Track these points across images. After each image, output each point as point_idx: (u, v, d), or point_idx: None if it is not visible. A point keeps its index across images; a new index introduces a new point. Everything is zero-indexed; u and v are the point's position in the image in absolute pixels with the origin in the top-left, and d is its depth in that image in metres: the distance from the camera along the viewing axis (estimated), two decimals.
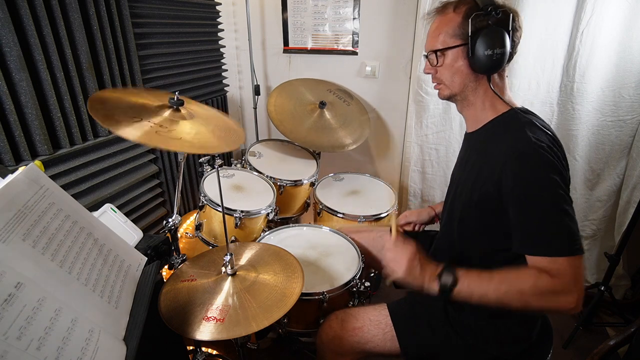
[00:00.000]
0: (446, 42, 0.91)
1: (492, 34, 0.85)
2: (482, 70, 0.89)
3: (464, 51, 0.89)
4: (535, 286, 0.78)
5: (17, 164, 1.08)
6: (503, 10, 0.85)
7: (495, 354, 0.96)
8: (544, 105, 1.79)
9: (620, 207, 1.80)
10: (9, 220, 0.55)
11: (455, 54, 0.91)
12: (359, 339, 1.03)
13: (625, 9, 1.54)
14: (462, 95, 0.96)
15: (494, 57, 0.85)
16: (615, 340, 1.08)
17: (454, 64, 0.92)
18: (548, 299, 0.78)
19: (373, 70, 2.06)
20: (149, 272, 0.82)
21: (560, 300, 0.78)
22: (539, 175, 0.79)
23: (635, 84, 1.65)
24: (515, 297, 0.79)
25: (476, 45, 0.86)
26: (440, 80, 0.97)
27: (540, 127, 0.87)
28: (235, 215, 1.34)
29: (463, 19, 0.88)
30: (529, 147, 0.81)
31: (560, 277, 0.77)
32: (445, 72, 0.94)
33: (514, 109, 0.92)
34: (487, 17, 0.85)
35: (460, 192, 0.98)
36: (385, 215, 1.57)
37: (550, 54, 1.70)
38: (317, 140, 1.81)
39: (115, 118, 0.92)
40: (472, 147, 1.00)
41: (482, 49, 0.85)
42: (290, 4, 2.05)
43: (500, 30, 0.86)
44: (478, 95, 0.94)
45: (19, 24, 1.04)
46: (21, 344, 0.47)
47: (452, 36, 0.90)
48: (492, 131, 0.93)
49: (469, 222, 0.95)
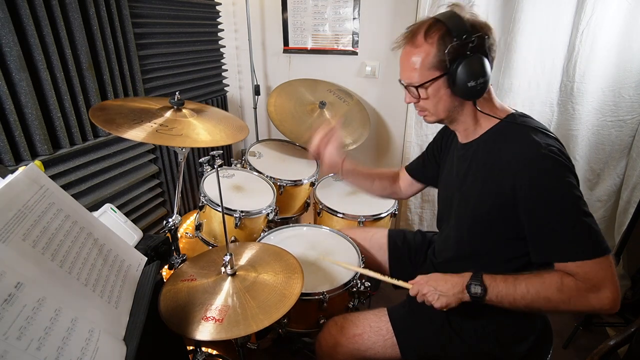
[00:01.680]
0: (425, 76, 0.86)
1: (472, 64, 0.81)
2: (466, 98, 0.87)
3: (445, 80, 0.86)
4: (560, 291, 0.78)
5: (17, 164, 1.08)
6: (478, 35, 0.81)
7: (496, 356, 0.95)
8: (544, 106, 1.79)
9: (620, 207, 1.80)
10: (9, 220, 0.55)
11: (436, 86, 0.87)
12: (359, 346, 1.01)
13: (625, 9, 1.54)
14: (449, 119, 0.94)
15: (477, 87, 0.82)
16: (615, 340, 1.08)
17: (436, 94, 0.88)
18: (577, 301, 0.78)
19: (373, 70, 2.06)
20: (149, 272, 0.82)
21: (592, 301, 0.77)
22: (555, 180, 0.78)
23: (635, 84, 1.65)
24: (543, 303, 0.80)
25: (457, 76, 0.82)
26: (424, 109, 0.94)
27: (541, 131, 0.85)
28: (235, 215, 1.34)
29: (437, 49, 0.83)
30: (541, 152, 0.79)
31: (588, 279, 0.76)
32: (428, 102, 0.91)
33: (510, 115, 0.90)
34: (464, 47, 0.81)
35: (465, 204, 0.95)
36: (385, 215, 1.57)
37: (550, 54, 1.70)
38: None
39: (116, 122, 0.93)
40: (470, 157, 0.96)
41: (463, 81, 0.82)
42: (290, 4, 2.05)
43: (479, 57, 0.82)
44: (467, 114, 0.92)
45: (19, 24, 1.04)
46: (21, 344, 0.47)
47: (429, 68, 0.85)
48: (491, 140, 0.91)
49: (481, 233, 0.93)
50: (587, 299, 0.77)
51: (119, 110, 1.01)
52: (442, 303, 0.87)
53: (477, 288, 0.83)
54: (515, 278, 0.83)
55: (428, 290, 0.89)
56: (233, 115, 1.27)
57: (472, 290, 0.84)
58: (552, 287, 0.79)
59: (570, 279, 0.78)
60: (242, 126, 1.19)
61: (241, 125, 1.20)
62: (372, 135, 2.16)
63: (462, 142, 1.00)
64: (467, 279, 0.86)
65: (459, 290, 0.86)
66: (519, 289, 0.81)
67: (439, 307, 0.88)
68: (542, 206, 0.79)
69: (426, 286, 0.90)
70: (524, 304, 0.81)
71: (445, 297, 0.87)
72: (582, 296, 0.77)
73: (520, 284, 0.81)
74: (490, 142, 0.91)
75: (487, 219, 0.90)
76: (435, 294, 0.88)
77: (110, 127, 0.91)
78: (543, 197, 0.79)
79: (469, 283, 0.85)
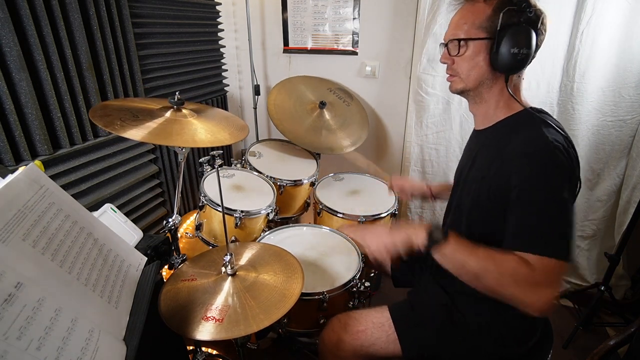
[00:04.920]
0: (471, 33, 0.86)
1: (521, 32, 0.81)
2: (502, 69, 0.87)
3: (488, 46, 0.85)
4: (514, 272, 0.77)
5: (17, 164, 1.08)
6: (536, 9, 0.82)
7: (497, 354, 0.96)
8: (544, 105, 1.79)
9: (620, 207, 1.80)
10: (9, 220, 0.55)
11: (477, 47, 0.87)
12: (362, 342, 1.02)
13: (625, 9, 1.54)
14: (475, 92, 0.93)
15: (518, 57, 0.82)
16: (615, 340, 1.08)
17: (474, 57, 0.88)
18: (520, 288, 0.77)
19: (373, 70, 2.06)
20: (149, 272, 0.82)
21: (528, 295, 0.76)
22: (545, 176, 0.78)
23: (635, 84, 1.65)
24: (492, 275, 0.78)
25: (503, 41, 0.82)
26: (456, 72, 0.92)
27: (554, 127, 0.85)
28: (235, 215, 1.34)
29: (493, 11, 0.83)
30: (544, 146, 0.79)
31: (540, 274, 0.76)
32: (463, 63, 0.90)
33: (528, 109, 0.90)
34: (519, 14, 0.81)
35: (469, 188, 0.97)
36: (386, 215, 1.57)
37: (550, 54, 1.70)
38: (316, 141, 1.81)
39: (116, 122, 0.93)
40: (482, 144, 0.97)
41: (508, 47, 0.81)
42: (290, 4, 2.05)
43: (529, 29, 0.82)
44: (493, 93, 0.91)
45: (19, 24, 1.04)
46: (21, 344, 0.47)
47: (479, 27, 0.85)
48: (506, 129, 0.91)
49: (478, 219, 0.94)
50: (527, 291, 0.76)
51: (119, 110, 1.01)
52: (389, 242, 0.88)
53: (438, 234, 0.83)
54: (477, 245, 0.82)
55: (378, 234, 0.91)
56: (233, 115, 1.27)
57: (435, 234, 0.83)
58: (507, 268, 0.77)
59: (526, 268, 0.76)
60: (242, 125, 1.19)
61: (241, 124, 1.20)
62: (372, 135, 2.16)
63: (477, 129, 1.01)
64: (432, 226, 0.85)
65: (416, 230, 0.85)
66: (477, 254, 0.80)
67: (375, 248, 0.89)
68: (525, 195, 0.80)
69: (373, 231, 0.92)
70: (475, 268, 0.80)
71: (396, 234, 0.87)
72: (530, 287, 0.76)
73: (478, 252, 0.81)
74: (502, 131, 0.92)
75: (485, 206, 0.90)
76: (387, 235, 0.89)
77: (111, 127, 0.91)
78: (529, 186, 0.79)
79: (433, 228, 0.84)
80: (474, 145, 1.02)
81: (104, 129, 0.92)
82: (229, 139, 1.06)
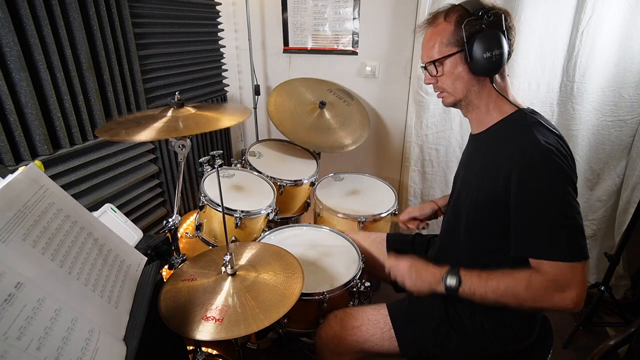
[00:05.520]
0: (442, 52, 0.91)
1: (487, 36, 0.85)
2: (483, 73, 0.89)
3: (462, 57, 0.89)
4: (527, 289, 0.81)
5: (17, 164, 1.08)
6: (494, 12, 0.86)
7: (495, 353, 0.96)
8: (544, 105, 1.79)
9: (620, 207, 1.80)
10: (9, 220, 0.55)
11: (453, 61, 0.91)
12: (358, 338, 1.04)
13: (625, 9, 1.54)
14: (466, 100, 0.95)
15: (493, 59, 0.85)
16: (615, 340, 1.08)
17: (453, 71, 0.92)
18: (541, 298, 0.81)
19: (373, 70, 2.06)
20: (149, 272, 0.82)
21: (555, 299, 0.79)
22: (546, 182, 0.79)
23: (635, 84, 1.65)
24: (510, 298, 0.83)
25: (473, 49, 0.86)
26: (443, 89, 0.97)
27: (547, 128, 0.87)
28: (235, 215, 1.34)
29: (455, 26, 0.88)
30: (538, 151, 0.80)
31: (557, 280, 0.79)
32: (446, 80, 0.94)
33: (520, 110, 0.92)
34: (480, 21, 0.86)
35: (466, 193, 0.98)
36: (386, 214, 1.57)
37: (550, 54, 1.70)
38: (317, 141, 1.81)
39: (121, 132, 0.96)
40: (478, 148, 0.99)
41: (480, 52, 0.85)
42: (290, 4, 2.05)
43: (495, 31, 0.86)
44: (482, 97, 0.94)
45: (19, 24, 1.04)
46: (21, 344, 0.47)
47: (447, 44, 0.90)
48: (499, 133, 0.93)
49: (475, 223, 0.95)
50: (552, 297, 0.80)
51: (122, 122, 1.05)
52: (414, 285, 0.94)
53: (452, 280, 0.88)
54: (489, 273, 0.86)
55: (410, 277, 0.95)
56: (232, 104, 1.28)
57: (448, 282, 0.88)
58: (521, 284, 0.82)
59: (539, 276, 0.80)
60: (243, 109, 1.22)
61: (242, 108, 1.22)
62: (372, 136, 2.16)
63: (473, 132, 1.02)
64: (444, 272, 0.90)
65: (436, 280, 0.90)
66: (491, 283, 0.84)
67: (408, 287, 0.95)
68: (528, 203, 0.81)
69: (408, 272, 0.95)
70: (493, 297, 0.84)
71: (420, 282, 0.93)
72: (548, 294, 0.80)
73: (492, 279, 0.85)
74: (496, 135, 0.93)
75: (482, 211, 0.92)
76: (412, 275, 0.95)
77: (118, 137, 0.95)
78: (530, 194, 0.81)
79: (445, 275, 0.89)
80: (471, 150, 1.04)
81: (111, 140, 0.96)
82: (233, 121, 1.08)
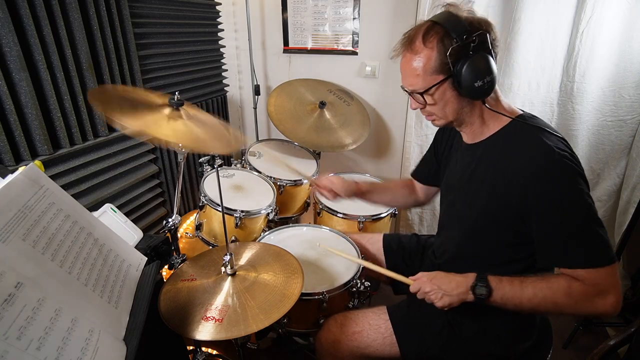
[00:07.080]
0: (428, 81, 0.84)
1: (476, 63, 0.78)
2: (474, 98, 0.85)
3: (450, 83, 0.83)
4: (568, 295, 0.78)
5: (17, 164, 1.08)
6: (479, 33, 0.78)
7: (496, 354, 0.95)
8: (544, 105, 1.79)
9: (620, 207, 1.80)
10: (9, 220, 0.55)
11: (441, 89, 0.84)
12: (359, 343, 1.02)
13: (625, 9, 1.54)
14: (458, 121, 0.92)
15: (485, 86, 0.80)
16: (615, 340, 1.08)
17: (442, 98, 0.86)
18: (583, 305, 0.79)
19: (373, 70, 2.06)
20: (149, 272, 0.82)
21: (597, 305, 0.78)
22: (567, 188, 0.77)
23: (635, 84, 1.65)
24: (550, 306, 0.80)
25: (462, 76, 0.79)
26: (432, 114, 0.92)
27: (551, 132, 0.83)
28: (235, 215, 1.34)
29: (438, 52, 0.81)
30: (553, 158, 0.77)
31: (596, 285, 0.77)
32: (435, 107, 0.89)
33: (519, 116, 0.88)
34: (466, 47, 0.78)
35: (471, 201, 0.94)
36: (386, 215, 1.57)
37: (550, 54, 1.70)
38: (317, 140, 1.81)
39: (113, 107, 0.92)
40: (478, 158, 0.93)
41: (470, 81, 0.79)
42: (290, 4, 2.05)
43: (483, 56, 0.79)
44: (475, 114, 0.90)
45: (19, 24, 1.04)
46: (21, 344, 0.47)
47: (432, 73, 0.83)
48: (501, 142, 0.89)
49: (486, 227, 0.92)
50: (594, 303, 0.78)
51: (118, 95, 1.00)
52: (444, 302, 0.87)
53: (482, 289, 0.83)
54: (522, 281, 0.82)
55: (431, 289, 0.89)
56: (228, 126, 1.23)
57: (478, 291, 0.83)
58: (560, 292, 0.79)
59: (579, 284, 0.78)
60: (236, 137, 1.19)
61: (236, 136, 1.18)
62: (372, 135, 2.15)
63: (467, 142, 0.98)
64: (472, 280, 0.85)
65: (464, 290, 0.85)
66: (526, 292, 0.81)
67: (440, 306, 0.88)
68: (554, 214, 0.78)
69: (429, 284, 0.89)
70: (529, 306, 0.81)
71: (448, 297, 0.87)
72: (590, 301, 0.78)
73: (527, 287, 0.81)
74: (500, 144, 0.89)
75: (491, 222, 0.89)
76: (439, 292, 0.88)
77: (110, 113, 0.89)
78: (555, 205, 0.78)
79: (474, 284, 0.84)
80: (469, 158, 0.97)
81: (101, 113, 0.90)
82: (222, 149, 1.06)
